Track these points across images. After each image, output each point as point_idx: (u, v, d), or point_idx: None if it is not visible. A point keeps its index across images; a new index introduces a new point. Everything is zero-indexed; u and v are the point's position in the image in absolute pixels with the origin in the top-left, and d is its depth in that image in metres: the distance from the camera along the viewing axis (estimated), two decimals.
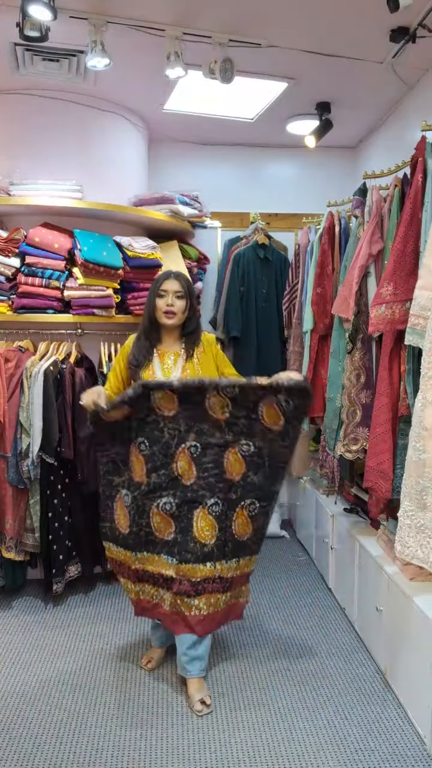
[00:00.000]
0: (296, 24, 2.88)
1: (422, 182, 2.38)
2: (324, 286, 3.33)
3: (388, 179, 2.80)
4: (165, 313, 2.52)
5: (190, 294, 2.56)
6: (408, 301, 2.36)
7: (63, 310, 3.37)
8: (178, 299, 2.52)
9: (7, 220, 3.49)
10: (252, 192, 4.65)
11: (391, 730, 2.30)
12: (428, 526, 2.03)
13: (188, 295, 2.55)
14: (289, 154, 4.68)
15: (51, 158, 3.62)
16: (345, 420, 2.87)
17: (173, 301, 2.51)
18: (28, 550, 3.29)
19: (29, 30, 2.63)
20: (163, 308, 2.52)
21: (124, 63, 3.16)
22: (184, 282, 2.55)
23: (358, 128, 4.33)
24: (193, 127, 4.22)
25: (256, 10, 2.76)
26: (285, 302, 4.20)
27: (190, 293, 2.56)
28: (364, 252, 2.72)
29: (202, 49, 2.97)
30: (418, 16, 2.76)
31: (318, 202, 4.15)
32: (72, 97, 3.65)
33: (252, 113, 4.02)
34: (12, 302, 3.31)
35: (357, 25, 2.86)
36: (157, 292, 2.53)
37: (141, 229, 3.83)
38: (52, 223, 3.40)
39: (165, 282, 2.53)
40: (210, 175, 4.54)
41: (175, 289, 2.52)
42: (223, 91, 3.36)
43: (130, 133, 4.00)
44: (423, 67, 3.30)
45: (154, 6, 2.72)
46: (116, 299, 3.44)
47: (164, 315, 2.52)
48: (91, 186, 3.55)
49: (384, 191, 2.79)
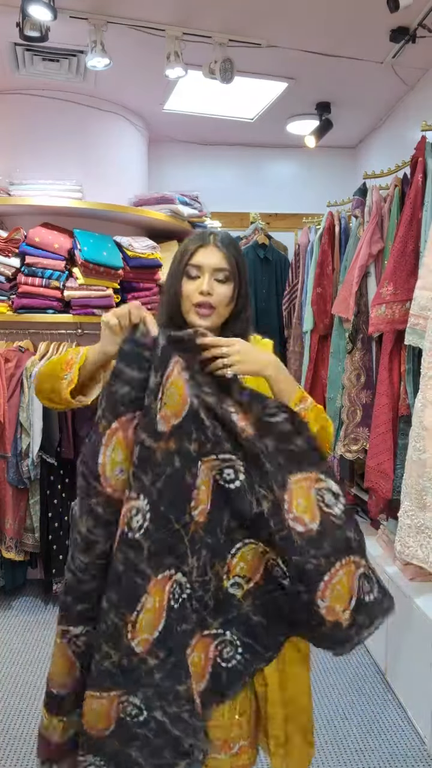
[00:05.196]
0: (296, 24, 2.88)
1: (422, 182, 2.38)
2: (324, 286, 3.33)
3: (388, 179, 2.80)
4: (196, 306, 1.39)
5: (240, 274, 1.42)
6: (408, 301, 2.36)
7: (63, 310, 3.36)
8: (219, 283, 1.39)
9: (7, 220, 3.49)
10: (252, 192, 4.65)
11: (391, 730, 2.30)
12: (428, 526, 2.03)
13: (237, 276, 1.42)
14: (289, 154, 4.68)
15: (51, 158, 3.62)
16: (345, 420, 2.87)
17: (212, 287, 1.38)
18: (28, 550, 3.29)
19: (29, 30, 2.63)
20: (195, 298, 1.38)
21: (124, 63, 3.16)
22: (232, 253, 1.41)
23: (358, 128, 4.33)
24: (193, 127, 4.22)
25: (256, 10, 2.76)
26: (285, 302, 4.20)
27: (239, 272, 1.42)
28: (364, 252, 2.72)
29: (202, 49, 2.97)
30: (418, 16, 2.76)
31: (318, 202, 4.15)
32: (72, 97, 3.65)
33: (252, 113, 4.02)
34: (12, 302, 3.30)
35: (357, 25, 2.86)
36: (184, 270, 1.40)
37: (141, 229, 3.83)
38: (52, 223, 3.40)
39: (199, 252, 1.40)
40: (210, 175, 4.54)
41: (216, 264, 1.39)
42: (223, 91, 3.36)
43: (130, 133, 4.00)
44: (423, 67, 3.30)
45: (154, 6, 2.72)
46: (116, 299, 3.43)
47: (194, 310, 1.39)
48: (91, 186, 3.55)
49: (384, 191, 2.79)
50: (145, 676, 1.18)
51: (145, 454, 1.15)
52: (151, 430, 1.15)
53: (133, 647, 1.16)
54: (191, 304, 1.39)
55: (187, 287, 1.39)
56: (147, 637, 1.16)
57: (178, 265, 1.42)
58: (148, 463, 1.15)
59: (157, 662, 1.18)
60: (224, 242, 1.41)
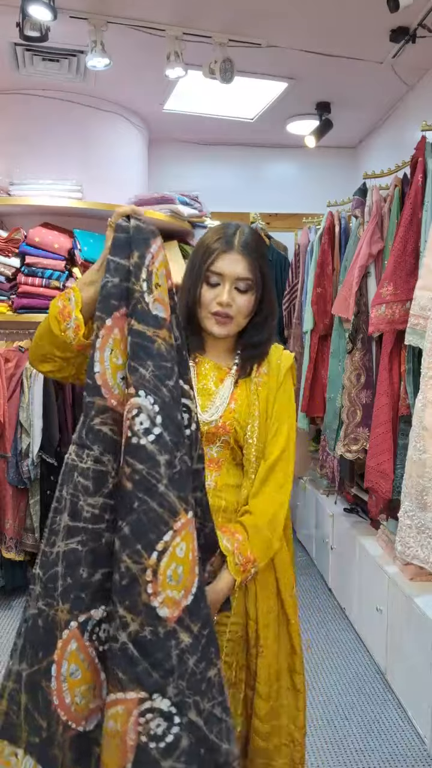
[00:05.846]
0: (296, 24, 2.88)
1: (422, 182, 2.38)
2: (324, 286, 3.33)
3: (388, 179, 2.80)
4: (215, 315, 1.35)
5: (263, 282, 1.37)
6: (408, 301, 2.36)
7: None
8: (240, 293, 1.35)
9: (7, 220, 3.49)
10: (252, 192, 4.65)
11: (391, 730, 2.30)
12: (429, 527, 2.03)
13: (261, 285, 1.37)
14: (289, 154, 4.68)
15: (51, 158, 3.62)
16: (345, 420, 2.87)
17: (232, 298, 1.34)
18: (28, 550, 3.28)
19: (29, 30, 2.63)
20: (213, 307, 1.34)
21: (124, 63, 3.16)
22: (256, 260, 1.35)
23: (358, 128, 4.33)
24: (193, 127, 4.22)
25: (256, 10, 2.76)
26: (285, 302, 4.20)
27: (263, 281, 1.37)
28: (364, 252, 2.72)
29: (202, 49, 2.97)
30: (418, 16, 2.76)
31: (318, 202, 4.15)
32: (72, 97, 3.65)
33: (252, 113, 4.02)
34: (12, 302, 3.30)
35: (357, 25, 2.86)
36: (204, 275, 1.35)
37: None
38: (52, 223, 3.40)
39: (222, 258, 1.33)
40: (210, 175, 4.54)
41: (238, 274, 1.33)
42: (223, 91, 3.36)
43: (130, 133, 4.00)
44: (423, 67, 3.30)
45: (154, 6, 2.72)
46: None
47: (212, 318, 1.36)
48: (91, 186, 3.55)
49: (384, 191, 2.79)
50: (178, 661, 0.85)
51: (142, 342, 0.96)
52: (147, 316, 0.97)
53: (156, 609, 0.84)
54: (209, 313, 1.36)
55: (206, 294, 1.35)
56: (175, 596, 0.86)
57: (199, 268, 1.36)
58: (148, 354, 0.95)
59: (191, 640, 0.87)
60: (249, 247, 1.35)
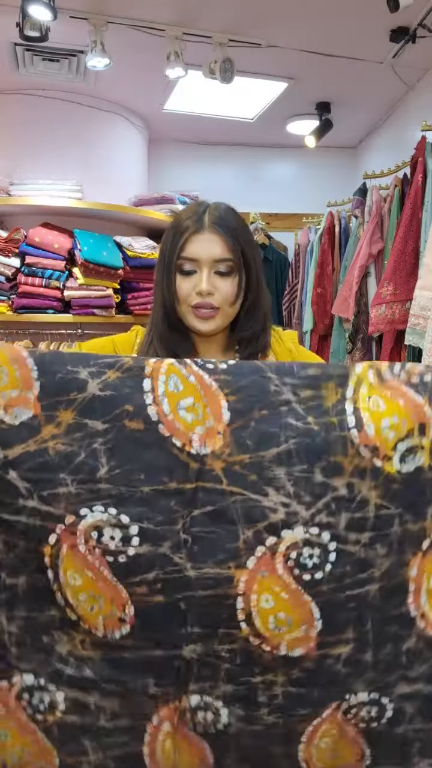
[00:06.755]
0: (296, 24, 2.88)
1: (422, 182, 2.38)
2: (324, 286, 3.33)
3: (388, 179, 2.80)
4: (196, 308, 1.14)
5: (246, 260, 1.15)
6: (408, 301, 2.36)
7: (63, 310, 3.36)
8: (221, 277, 1.13)
9: (7, 220, 3.49)
10: (252, 192, 4.65)
11: None
12: None
13: (244, 264, 1.15)
14: (289, 154, 4.68)
15: (51, 158, 3.62)
16: None
17: (212, 284, 1.12)
18: None
19: (29, 30, 2.63)
20: (192, 299, 1.13)
21: (124, 63, 3.16)
22: (234, 236, 1.14)
23: (358, 128, 4.33)
24: (193, 127, 4.22)
25: (256, 10, 2.76)
26: (285, 302, 4.20)
27: (246, 259, 1.15)
28: (364, 252, 2.72)
29: (202, 49, 2.97)
30: (418, 16, 2.76)
31: (318, 202, 4.15)
32: (72, 97, 3.65)
33: (252, 113, 4.02)
34: (12, 302, 3.30)
35: (357, 25, 2.86)
36: (176, 264, 1.14)
37: (141, 229, 3.83)
38: (52, 223, 3.39)
39: (193, 240, 1.13)
40: (210, 175, 4.54)
41: (215, 255, 1.12)
42: (223, 91, 3.36)
43: (130, 133, 4.00)
44: (423, 67, 3.30)
45: (154, 6, 2.72)
46: (116, 299, 3.43)
47: (193, 313, 1.15)
48: (91, 186, 3.55)
49: (384, 191, 2.79)
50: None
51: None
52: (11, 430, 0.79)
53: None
54: (188, 307, 1.13)
55: (183, 286, 1.13)
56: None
57: (169, 257, 1.14)
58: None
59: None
60: (223, 222, 1.13)
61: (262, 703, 0.79)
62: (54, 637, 0.79)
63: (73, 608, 0.78)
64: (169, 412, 0.77)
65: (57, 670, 0.79)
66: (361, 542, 0.77)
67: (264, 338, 1.20)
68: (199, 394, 0.78)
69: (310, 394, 0.78)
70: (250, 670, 0.78)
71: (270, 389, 0.78)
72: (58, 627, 0.79)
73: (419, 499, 0.78)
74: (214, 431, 0.77)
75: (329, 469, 0.77)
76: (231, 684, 0.78)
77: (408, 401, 0.78)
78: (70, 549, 0.76)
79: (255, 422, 0.77)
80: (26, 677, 0.80)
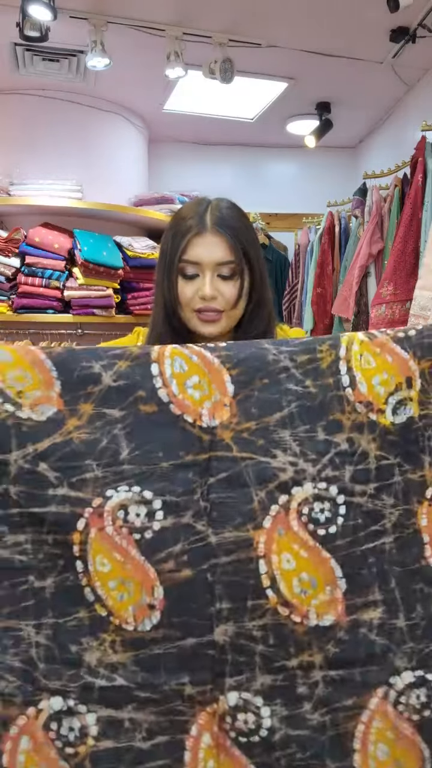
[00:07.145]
0: (296, 24, 2.88)
1: (422, 182, 2.38)
2: (324, 286, 3.33)
3: (388, 179, 2.80)
4: (199, 312, 1.12)
5: (249, 261, 1.13)
6: (408, 301, 2.36)
7: (63, 310, 3.36)
8: (224, 280, 1.11)
9: (7, 220, 3.49)
10: (252, 192, 4.65)
11: None
12: None
13: (247, 266, 1.13)
14: (289, 154, 4.68)
15: (51, 158, 3.62)
16: None
17: (216, 288, 1.10)
18: None
19: (29, 30, 2.63)
20: (196, 303, 1.12)
21: (124, 63, 3.16)
22: (236, 236, 1.11)
23: (358, 128, 4.33)
24: (193, 127, 4.22)
25: (256, 10, 2.76)
26: (285, 302, 4.20)
27: (249, 259, 1.13)
28: (364, 252, 2.73)
29: (202, 49, 2.97)
30: (418, 16, 2.77)
31: (318, 202, 4.15)
32: (72, 97, 3.65)
33: (252, 113, 4.02)
34: (12, 302, 3.30)
35: (357, 25, 2.86)
36: (178, 267, 1.11)
37: (141, 229, 3.83)
38: (52, 223, 3.40)
39: (195, 243, 1.10)
40: (210, 175, 4.54)
41: (218, 258, 1.10)
42: (223, 91, 3.36)
43: (130, 133, 4.00)
44: (423, 67, 3.30)
45: (154, 6, 2.72)
46: (116, 299, 3.43)
47: (197, 317, 1.13)
48: (91, 186, 3.55)
49: (384, 191, 2.79)
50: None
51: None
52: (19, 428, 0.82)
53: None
54: (191, 310, 1.12)
55: (185, 290, 1.11)
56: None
57: (170, 259, 1.10)
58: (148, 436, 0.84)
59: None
60: (225, 223, 1.10)
61: (304, 695, 0.79)
62: (83, 645, 0.79)
63: (103, 602, 0.79)
64: (178, 392, 0.82)
65: (87, 684, 0.78)
66: (368, 493, 0.82)
67: (270, 337, 1.19)
68: (203, 372, 0.83)
69: (306, 358, 0.84)
70: (285, 652, 0.79)
71: (269, 358, 0.84)
72: (87, 632, 0.79)
73: (413, 447, 0.84)
74: (221, 404, 0.83)
75: (330, 426, 0.83)
76: (268, 674, 0.79)
77: (395, 357, 0.85)
78: (99, 532, 0.79)
79: (257, 391, 0.83)
80: (54, 701, 0.78)
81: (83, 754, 0.77)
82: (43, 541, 0.80)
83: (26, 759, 0.76)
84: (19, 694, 0.77)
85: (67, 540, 0.79)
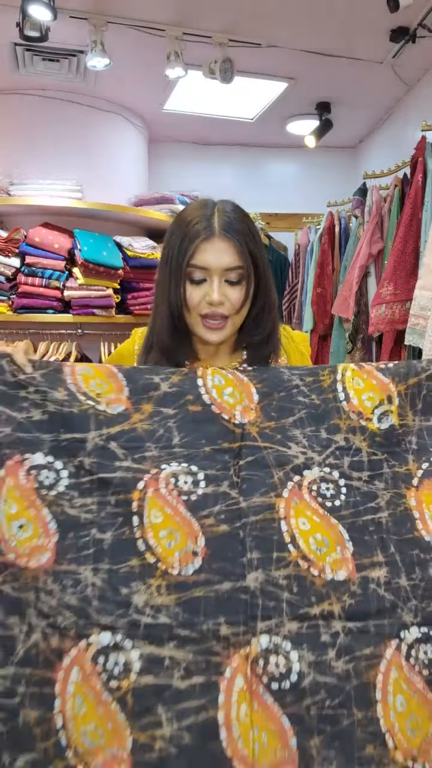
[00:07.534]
0: (296, 24, 2.88)
1: (422, 182, 2.38)
2: (324, 286, 3.33)
3: (388, 179, 2.80)
4: (205, 318, 1.13)
5: (256, 265, 1.14)
6: (408, 301, 2.36)
7: (63, 310, 3.36)
8: (232, 286, 1.12)
9: (7, 220, 3.49)
10: (252, 192, 4.64)
11: None
12: None
13: (254, 271, 1.13)
14: (289, 154, 4.68)
15: (51, 158, 3.62)
16: None
17: (223, 294, 1.11)
18: None
19: (29, 30, 2.63)
20: (203, 308, 1.12)
21: (124, 63, 3.16)
22: (244, 241, 1.12)
23: (358, 128, 4.33)
24: (193, 127, 4.22)
25: (256, 10, 2.76)
26: (285, 302, 4.20)
27: (256, 264, 1.14)
28: (364, 252, 2.72)
29: (202, 49, 2.97)
30: (418, 16, 2.77)
31: (318, 202, 4.15)
32: (72, 97, 3.65)
33: (252, 113, 4.02)
34: (12, 302, 3.30)
35: (357, 25, 2.86)
36: (185, 272, 1.11)
37: (141, 229, 3.83)
38: (52, 223, 3.40)
39: (203, 248, 1.10)
40: (210, 175, 4.54)
41: (226, 263, 1.11)
42: (223, 91, 3.36)
43: (130, 133, 4.00)
44: (423, 67, 3.30)
45: (154, 6, 2.72)
46: (116, 299, 3.43)
47: (203, 324, 1.14)
48: (91, 186, 3.55)
49: (384, 191, 2.79)
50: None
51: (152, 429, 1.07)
52: (109, 418, 1.06)
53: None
54: (197, 316, 1.12)
55: (192, 295, 1.10)
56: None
57: (177, 263, 1.10)
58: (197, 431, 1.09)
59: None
60: (232, 227, 1.10)
61: (327, 643, 0.92)
62: (132, 589, 0.93)
63: (153, 550, 0.96)
64: (217, 397, 1.08)
65: (134, 621, 0.91)
66: (363, 479, 1.05)
67: (274, 339, 1.21)
68: (236, 384, 1.10)
69: (312, 379, 1.12)
70: (308, 600, 0.94)
71: (284, 377, 1.12)
72: (137, 577, 0.93)
73: (397, 448, 1.09)
74: (249, 408, 1.09)
75: (330, 428, 1.08)
76: (294, 620, 0.93)
77: (378, 380, 1.12)
78: (154, 492, 1.00)
79: (276, 401, 1.09)
80: (103, 636, 0.90)
81: (125, 689, 0.87)
82: (106, 503, 0.98)
83: (75, 689, 0.88)
84: (73, 627, 0.90)
85: (128, 498, 0.99)
